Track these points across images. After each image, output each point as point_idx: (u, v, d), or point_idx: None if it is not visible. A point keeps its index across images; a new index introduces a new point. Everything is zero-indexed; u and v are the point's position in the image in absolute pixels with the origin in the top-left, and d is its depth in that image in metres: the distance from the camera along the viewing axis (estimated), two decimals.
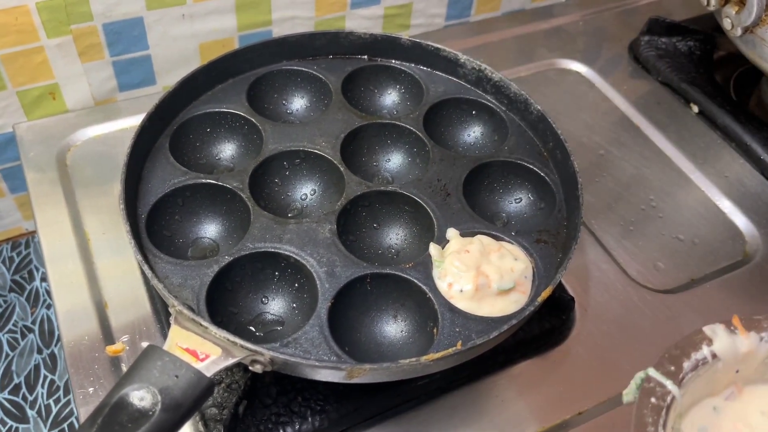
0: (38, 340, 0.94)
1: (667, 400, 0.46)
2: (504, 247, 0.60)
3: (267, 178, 0.66)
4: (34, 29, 0.79)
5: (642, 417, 0.46)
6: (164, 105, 0.66)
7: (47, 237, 0.70)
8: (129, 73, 0.89)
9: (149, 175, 0.63)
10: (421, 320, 0.57)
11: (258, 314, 0.58)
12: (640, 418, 0.46)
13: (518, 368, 0.64)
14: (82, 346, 0.62)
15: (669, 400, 0.46)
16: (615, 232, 0.78)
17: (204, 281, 0.55)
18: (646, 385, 0.47)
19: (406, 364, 0.49)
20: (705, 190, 0.84)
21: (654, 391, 0.47)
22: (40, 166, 0.76)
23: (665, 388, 0.47)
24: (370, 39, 0.75)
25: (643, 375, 0.48)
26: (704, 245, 0.78)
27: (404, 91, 0.77)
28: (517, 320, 0.52)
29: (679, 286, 0.73)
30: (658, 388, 0.47)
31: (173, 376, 0.45)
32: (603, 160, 0.86)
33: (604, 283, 0.72)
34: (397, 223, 0.65)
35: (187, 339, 0.48)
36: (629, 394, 0.49)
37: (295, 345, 0.52)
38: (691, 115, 0.92)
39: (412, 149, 0.70)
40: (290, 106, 0.75)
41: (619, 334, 0.68)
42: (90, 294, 0.66)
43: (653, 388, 0.47)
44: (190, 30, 0.89)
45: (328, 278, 0.56)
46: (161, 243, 0.59)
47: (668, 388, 0.47)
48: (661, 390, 0.47)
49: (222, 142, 0.70)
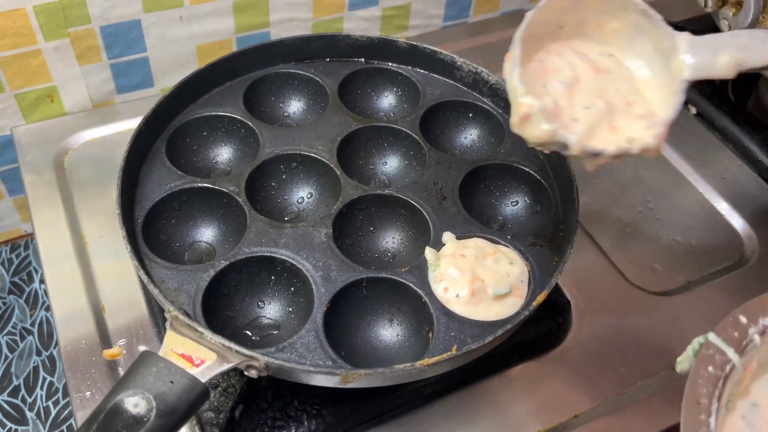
0: (37, 341, 0.94)
1: (726, 370, 0.42)
2: (500, 251, 0.60)
3: (263, 181, 0.66)
4: (31, 32, 0.79)
5: (695, 387, 0.41)
6: (161, 109, 0.66)
7: (44, 240, 0.70)
8: (127, 75, 0.89)
9: (146, 179, 0.63)
10: (416, 324, 0.57)
11: (254, 318, 0.58)
12: (694, 388, 0.41)
13: (514, 371, 0.64)
14: (79, 350, 0.62)
15: (728, 369, 0.42)
16: (612, 233, 0.78)
17: (200, 286, 0.55)
18: (705, 351, 0.42)
19: (400, 369, 0.49)
20: (702, 192, 0.83)
21: (712, 359, 0.42)
22: (38, 169, 0.77)
23: (725, 356, 0.42)
24: (366, 42, 0.75)
25: (702, 340, 0.43)
26: (701, 247, 0.78)
27: (401, 94, 0.77)
28: (512, 324, 0.52)
29: (676, 288, 0.73)
30: (718, 356, 0.42)
31: (168, 382, 0.45)
32: None
33: (600, 286, 0.72)
34: (393, 226, 0.65)
35: (183, 344, 0.49)
36: (684, 362, 0.44)
37: (290, 350, 0.52)
38: (689, 117, 0.92)
39: (408, 152, 0.70)
40: (287, 109, 0.75)
41: (615, 336, 0.68)
42: (87, 297, 0.66)
43: (712, 356, 0.42)
44: (187, 32, 0.89)
45: (323, 282, 0.57)
46: (158, 247, 0.59)
47: (729, 356, 0.42)
48: (721, 358, 0.42)
49: (219, 146, 0.70)
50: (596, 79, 0.52)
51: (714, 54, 0.49)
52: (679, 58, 0.49)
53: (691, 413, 0.41)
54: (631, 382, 0.64)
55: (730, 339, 0.43)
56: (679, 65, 0.49)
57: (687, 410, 0.41)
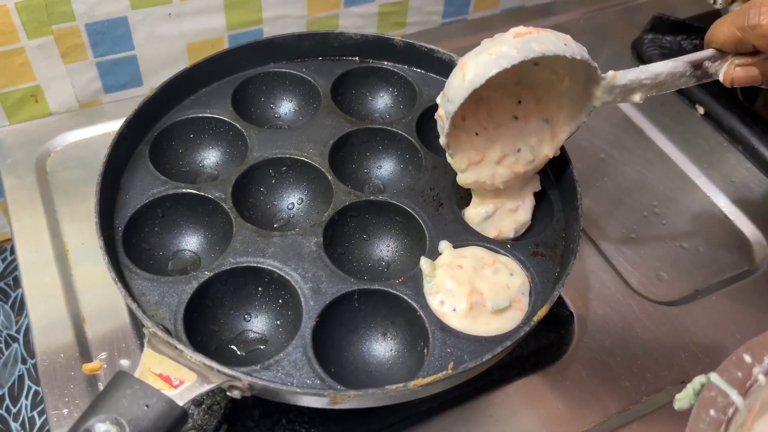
0: (22, 349, 0.91)
1: (729, 413, 0.39)
2: (499, 261, 0.57)
3: (252, 187, 0.63)
4: (14, 30, 0.76)
5: (697, 431, 0.39)
6: (144, 110, 0.63)
7: (23, 246, 0.67)
8: (114, 74, 0.86)
9: (128, 185, 0.60)
10: (411, 339, 0.55)
11: (240, 332, 0.56)
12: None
13: (514, 386, 0.61)
14: (57, 364, 0.59)
15: (731, 413, 0.39)
16: (616, 239, 0.75)
17: (182, 299, 0.53)
18: (706, 393, 0.40)
19: (392, 390, 0.46)
20: (710, 196, 0.81)
21: (714, 402, 0.39)
22: (19, 172, 0.74)
23: (728, 398, 0.40)
24: (361, 40, 0.72)
25: (704, 380, 0.41)
26: (709, 254, 0.75)
27: (397, 94, 0.74)
28: (511, 341, 0.50)
29: (682, 298, 0.71)
30: (720, 398, 0.40)
31: (143, 406, 0.42)
32: (604, 164, 0.83)
33: (604, 295, 0.69)
34: (387, 234, 0.62)
35: (161, 364, 0.46)
36: (683, 400, 0.42)
37: (276, 368, 0.49)
38: (696, 117, 0.89)
39: (404, 156, 0.67)
40: (278, 110, 0.72)
41: (620, 349, 0.65)
42: (67, 307, 0.63)
43: (714, 398, 0.40)
44: (177, 30, 0.86)
45: (313, 295, 0.54)
46: (139, 257, 0.56)
47: (732, 399, 0.40)
48: (723, 401, 0.40)
49: (206, 149, 0.67)
50: None
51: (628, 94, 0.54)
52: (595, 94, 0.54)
53: None
54: (636, 397, 0.62)
55: (733, 380, 0.40)
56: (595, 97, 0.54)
57: None
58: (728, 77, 0.53)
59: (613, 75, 0.53)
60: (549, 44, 0.49)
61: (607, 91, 0.54)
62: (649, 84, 0.54)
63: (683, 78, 0.54)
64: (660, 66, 0.54)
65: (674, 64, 0.54)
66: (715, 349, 0.66)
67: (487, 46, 0.50)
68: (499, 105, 0.57)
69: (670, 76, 0.54)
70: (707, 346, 0.66)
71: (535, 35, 0.49)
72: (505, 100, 0.57)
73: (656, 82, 0.54)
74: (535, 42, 0.49)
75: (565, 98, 0.57)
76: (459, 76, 0.51)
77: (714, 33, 0.54)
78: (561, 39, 0.50)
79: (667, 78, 0.54)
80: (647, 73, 0.53)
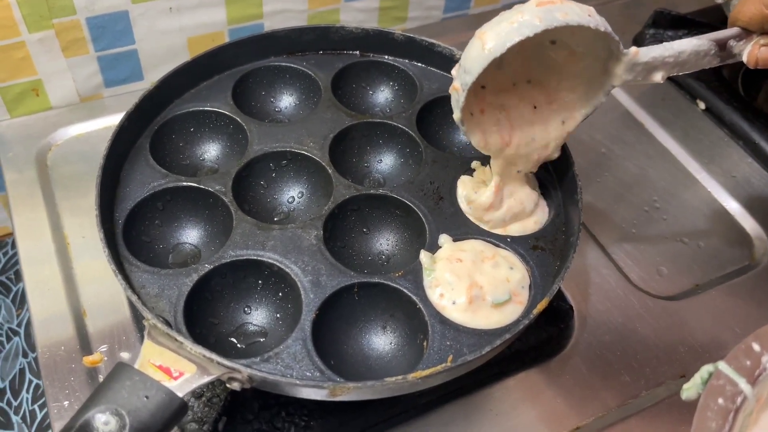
0: (23, 343, 0.92)
1: (737, 402, 0.39)
2: (499, 255, 0.57)
3: (252, 180, 0.63)
4: (14, 23, 0.76)
5: (704, 420, 0.38)
6: (144, 104, 0.63)
7: (24, 240, 0.67)
8: (115, 68, 0.86)
9: (128, 178, 0.60)
10: (410, 332, 0.55)
11: (240, 325, 0.56)
12: (703, 422, 0.38)
13: (513, 380, 0.61)
14: (57, 357, 0.59)
15: (739, 401, 0.39)
16: (616, 234, 0.75)
17: (182, 291, 0.53)
18: (715, 381, 0.40)
19: (391, 382, 0.46)
20: (711, 191, 0.80)
21: (723, 390, 0.39)
22: (19, 166, 0.74)
23: (737, 386, 0.39)
24: (361, 33, 0.72)
25: (712, 369, 0.40)
26: (710, 249, 0.75)
27: (397, 88, 0.74)
28: (510, 334, 0.50)
29: (683, 292, 0.70)
30: (729, 387, 0.39)
31: (143, 397, 0.42)
32: (604, 159, 0.83)
33: (604, 289, 0.69)
34: (387, 228, 0.62)
35: (161, 355, 0.46)
36: (691, 390, 0.41)
37: (276, 360, 0.49)
38: (698, 112, 0.89)
39: (404, 150, 0.67)
40: (278, 104, 0.72)
41: (619, 343, 0.65)
42: (68, 300, 0.63)
43: (722, 386, 0.39)
44: (178, 24, 0.86)
45: (312, 288, 0.54)
46: (139, 250, 0.56)
47: (740, 387, 0.39)
48: (732, 389, 0.39)
49: (206, 142, 0.67)
50: None
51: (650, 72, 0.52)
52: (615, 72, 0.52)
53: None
54: (636, 392, 0.62)
55: (741, 368, 0.40)
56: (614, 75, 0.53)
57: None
58: (752, 57, 0.52)
59: (636, 51, 0.51)
60: (573, 14, 0.47)
61: (629, 69, 0.51)
62: (672, 62, 0.52)
63: (707, 57, 0.53)
64: (684, 43, 0.52)
65: (698, 42, 0.52)
66: (715, 344, 0.66)
67: (508, 16, 0.48)
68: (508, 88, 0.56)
69: (693, 54, 0.52)
70: (707, 342, 0.66)
71: (558, 5, 0.47)
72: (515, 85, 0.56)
73: (679, 61, 0.52)
74: (558, 11, 0.47)
75: (579, 80, 0.55)
76: (477, 46, 0.49)
77: (740, 11, 0.52)
78: (585, 10, 0.48)
79: (690, 56, 0.52)
80: (671, 50, 0.51)
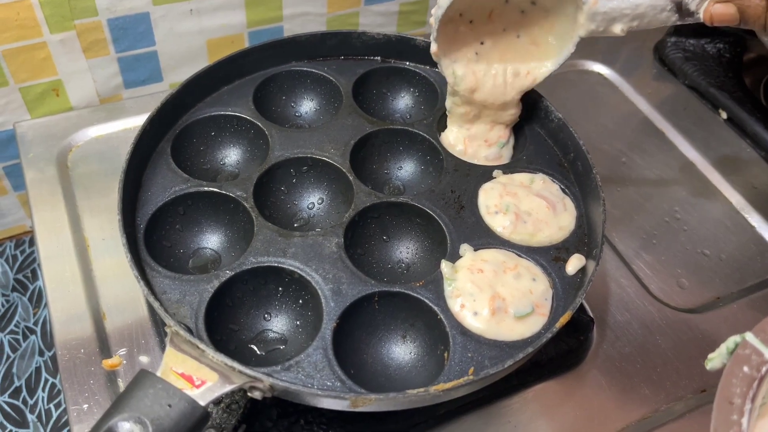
0: (40, 341, 0.92)
1: (762, 371, 0.40)
2: (521, 266, 0.56)
3: (272, 186, 0.63)
4: (36, 24, 0.76)
5: (729, 386, 0.40)
6: (167, 108, 0.63)
7: (44, 241, 0.67)
8: (135, 69, 0.86)
9: (149, 182, 0.60)
10: (431, 342, 0.54)
11: (260, 332, 0.56)
12: (727, 387, 0.40)
13: (532, 391, 0.61)
14: (77, 359, 0.59)
15: (764, 371, 0.40)
16: (636, 245, 0.74)
17: (203, 297, 0.53)
18: (741, 351, 0.41)
19: (413, 394, 0.46)
20: (733, 202, 0.80)
21: (749, 359, 0.40)
22: (40, 166, 0.74)
23: (762, 356, 0.40)
24: (383, 39, 0.72)
25: (738, 339, 0.42)
26: (731, 261, 0.74)
27: (418, 95, 0.73)
28: (533, 348, 0.49)
29: (703, 305, 0.70)
30: (754, 356, 0.40)
31: (166, 405, 0.42)
32: (625, 168, 0.83)
33: (624, 301, 0.69)
34: (407, 236, 0.62)
35: (183, 363, 0.46)
36: (715, 359, 0.42)
37: (297, 369, 0.49)
38: (719, 122, 0.88)
39: (425, 157, 0.67)
40: (299, 109, 0.72)
41: (639, 356, 0.64)
42: (87, 302, 0.63)
43: (748, 356, 0.40)
44: (197, 26, 0.86)
45: (333, 296, 0.53)
46: (160, 254, 0.56)
47: (766, 357, 0.40)
48: (758, 359, 0.40)
49: (227, 147, 0.67)
50: None
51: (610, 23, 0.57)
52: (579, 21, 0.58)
53: (722, 413, 0.39)
54: (656, 406, 0.61)
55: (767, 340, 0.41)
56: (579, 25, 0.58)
57: (719, 410, 0.39)
58: (707, 14, 0.54)
59: (595, 1, 0.56)
60: None
61: (590, 18, 0.56)
62: (630, 14, 0.56)
63: (664, 12, 0.56)
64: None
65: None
66: None
67: None
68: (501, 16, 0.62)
69: (650, 8, 0.56)
70: None
71: None
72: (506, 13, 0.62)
73: (636, 13, 0.56)
74: None
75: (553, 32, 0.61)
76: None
77: None
78: None
79: (647, 10, 0.56)
80: (627, 2, 0.55)
